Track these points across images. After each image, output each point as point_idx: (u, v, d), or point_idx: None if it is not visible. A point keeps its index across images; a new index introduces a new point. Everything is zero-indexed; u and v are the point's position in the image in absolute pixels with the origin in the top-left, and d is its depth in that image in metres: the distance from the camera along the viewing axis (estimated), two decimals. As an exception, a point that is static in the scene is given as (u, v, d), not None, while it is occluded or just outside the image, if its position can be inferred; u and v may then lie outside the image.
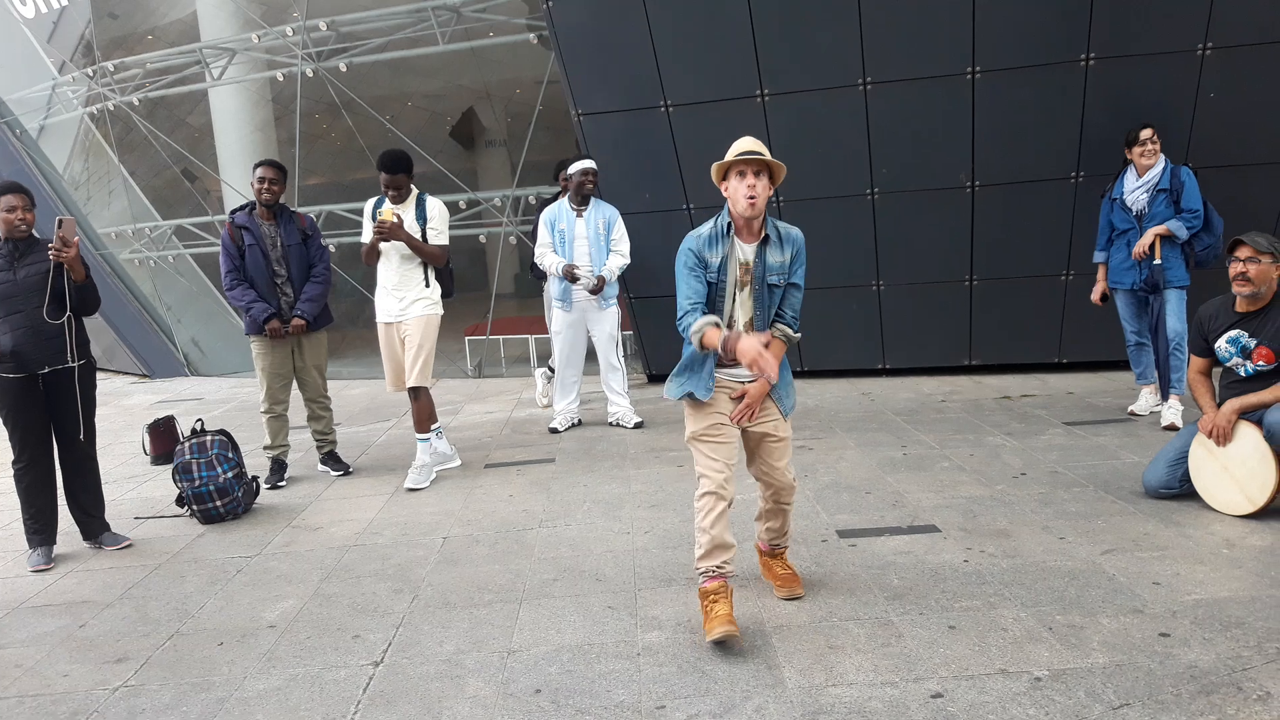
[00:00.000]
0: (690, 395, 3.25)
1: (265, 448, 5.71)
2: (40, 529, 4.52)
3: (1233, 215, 5.51)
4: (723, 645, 3.10)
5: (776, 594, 3.49)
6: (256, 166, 5.53)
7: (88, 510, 4.68)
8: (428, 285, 5.36)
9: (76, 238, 4.38)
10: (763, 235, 3.20)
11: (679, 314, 3.20)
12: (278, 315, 5.45)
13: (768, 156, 3.13)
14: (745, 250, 3.20)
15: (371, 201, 5.42)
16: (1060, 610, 3.22)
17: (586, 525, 4.47)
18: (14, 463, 4.48)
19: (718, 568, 3.19)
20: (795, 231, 3.26)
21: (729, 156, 3.17)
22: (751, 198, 3.09)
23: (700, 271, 3.18)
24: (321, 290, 5.61)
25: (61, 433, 4.55)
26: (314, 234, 5.70)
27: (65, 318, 4.42)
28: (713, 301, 3.21)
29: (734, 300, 3.22)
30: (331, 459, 5.91)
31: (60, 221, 4.32)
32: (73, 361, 4.48)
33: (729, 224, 3.19)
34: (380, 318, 5.41)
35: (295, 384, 5.75)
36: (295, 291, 5.54)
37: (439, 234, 5.33)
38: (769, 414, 3.30)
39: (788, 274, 3.23)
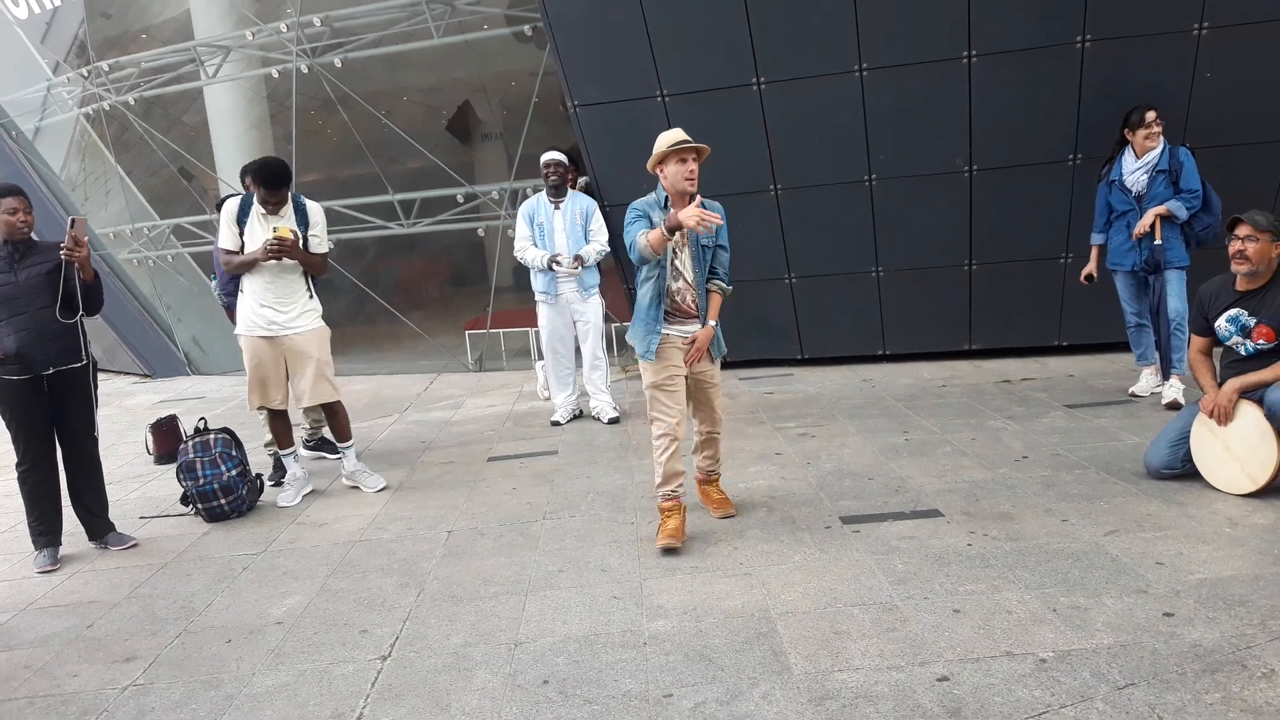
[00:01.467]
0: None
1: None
2: (45, 530, 4.52)
3: (1231, 195, 5.50)
4: (670, 553, 3.85)
5: (714, 514, 4.26)
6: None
7: (92, 510, 4.68)
8: (311, 296, 5.07)
9: (87, 237, 4.39)
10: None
11: (629, 249, 3.87)
12: None
13: (700, 145, 3.87)
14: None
15: (236, 207, 4.90)
16: (1064, 592, 3.23)
17: (590, 516, 4.48)
18: (18, 465, 4.47)
19: (672, 491, 3.99)
20: (718, 205, 3.86)
21: (665, 147, 3.82)
22: (690, 178, 3.81)
23: (645, 223, 3.88)
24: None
25: (65, 433, 4.54)
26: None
27: (77, 317, 4.44)
28: (659, 264, 3.92)
29: (675, 259, 3.93)
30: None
31: (72, 221, 4.32)
32: (78, 361, 4.49)
33: (665, 199, 3.91)
34: (254, 331, 4.94)
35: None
36: None
37: (321, 242, 5.02)
38: (704, 366, 4.07)
39: (715, 237, 3.96)
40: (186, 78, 9.70)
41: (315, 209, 5.02)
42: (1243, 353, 4.14)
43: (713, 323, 4.01)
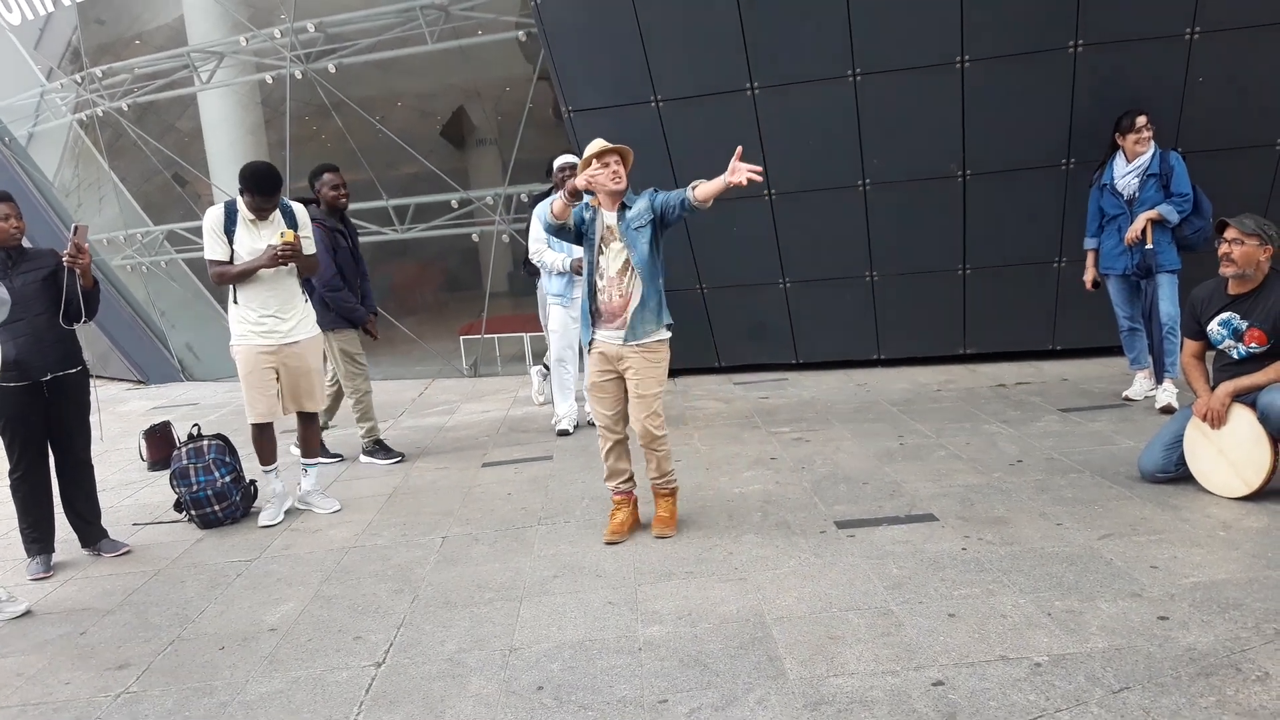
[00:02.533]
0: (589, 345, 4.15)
1: (369, 430, 6.05)
2: (39, 537, 4.50)
3: (1222, 199, 5.52)
4: (612, 546, 4.06)
5: (652, 530, 4.21)
6: (324, 172, 5.83)
7: (85, 517, 4.67)
8: (306, 301, 5.01)
9: (89, 244, 4.39)
10: (621, 205, 4.04)
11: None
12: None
13: (623, 146, 4.06)
14: (608, 217, 4.05)
15: (221, 216, 4.73)
16: (1059, 596, 3.23)
17: (585, 522, 4.48)
18: (10, 472, 4.45)
19: (616, 487, 4.24)
20: (644, 193, 4.06)
21: (588, 154, 3.99)
22: (614, 175, 3.96)
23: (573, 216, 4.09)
24: (369, 285, 6.11)
25: (60, 440, 4.53)
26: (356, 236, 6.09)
27: (79, 324, 4.44)
28: (584, 255, 4.16)
29: (603, 253, 4.06)
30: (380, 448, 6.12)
31: (75, 228, 4.33)
32: (75, 366, 4.49)
33: (590, 202, 4.08)
34: (255, 342, 4.79)
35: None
36: (357, 288, 5.95)
37: (311, 243, 4.96)
38: (635, 371, 4.05)
39: (647, 215, 4.00)
40: (180, 83, 9.70)
41: (301, 210, 4.95)
42: (1235, 356, 4.15)
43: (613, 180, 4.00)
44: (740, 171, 3.81)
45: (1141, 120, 5.53)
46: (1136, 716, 2.48)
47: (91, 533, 4.68)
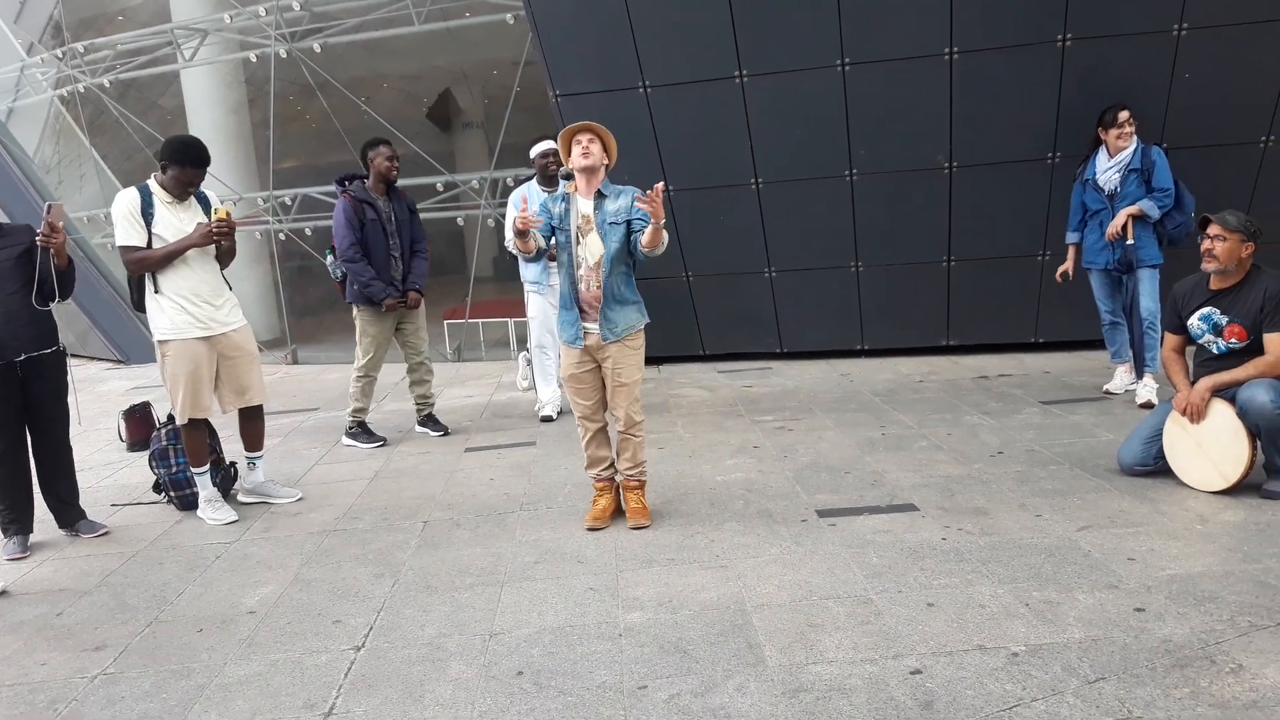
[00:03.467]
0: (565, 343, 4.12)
1: (356, 410, 6.03)
2: (16, 519, 4.44)
3: (1208, 195, 5.55)
4: (594, 532, 4.07)
5: (627, 522, 4.16)
6: (378, 144, 5.77)
7: (63, 498, 4.62)
8: (231, 288, 4.77)
9: (63, 223, 4.30)
10: (598, 193, 3.96)
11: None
12: (395, 291, 5.80)
13: (594, 124, 4.00)
14: (584, 204, 3.98)
15: (137, 199, 4.43)
16: (1037, 586, 3.26)
17: (567, 508, 4.47)
18: None
19: (598, 474, 4.25)
20: (628, 189, 3.97)
21: (562, 137, 4.00)
22: (586, 153, 3.91)
23: (544, 216, 4.03)
24: (427, 265, 6.04)
25: (36, 420, 4.45)
26: (415, 211, 6.03)
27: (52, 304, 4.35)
28: (561, 248, 4.05)
29: (580, 244, 3.99)
30: (430, 420, 6.18)
31: (49, 207, 4.24)
32: (50, 346, 4.41)
33: (566, 195, 4.03)
34: (190, 333, 4.52)
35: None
36: (404, 264, 5.87)
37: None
38: (614, 362, 4.03)
39: (625, 215, 3.93)
40: (163, 61, 9.59)
41: (214, 196, 4.73)
42: (1215, 351, 4.18)
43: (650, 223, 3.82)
44: (653, 202, 3.71)
45: (1124, 115, 5.55)
46: (1112, 707, 2.50)
47: (69, 514, 4.63)
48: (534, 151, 6.03)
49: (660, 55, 6.91)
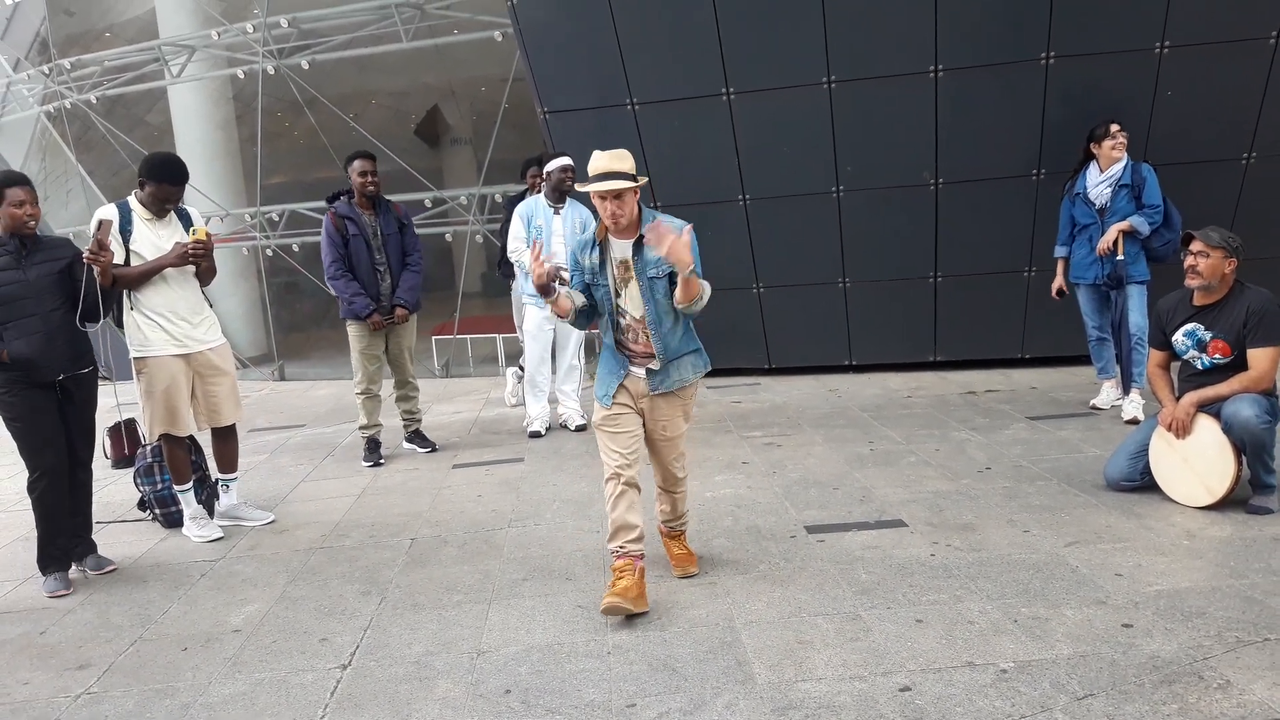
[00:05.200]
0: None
1: (361, 428, 5.96)
2: (58, 554, 4.15)
3: (1190, 211, 5.59)
4: (612, 614, 3.31)
5: (673, 572, 3.71)
6: (354, 159, 5.69)
7: (78, 532, 4.31)
8: (211, 305, 4.75)
9: (111, 239, 4.13)
10: (639, 234, 3.34)
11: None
12: (378, 306, 5.69)
13: (621, 185, 3.23)
14: (622, 248, 3.37)
15: (115, 215, 4.36)
16: (1025, 602, 3.26)
17: (556, 525, 4.46)
18: (31, 478, 4.10)
19: (620, 547, 3.41)
20: (675, 223, 3.23)
21: (590, 175, 3.29)
22: (613, 218, 3.29)
23: (576, 272, 3.49)
24: (419, 278, 5.90)
25: (71, 447, 4.20)
26: (409, 223, 5.93)
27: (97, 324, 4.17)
28: (601, 301, 3.46)
29: (621, 295, 3.42)
30: (417, 437, 6.17)
31: (100, 223, 4.06)
32: (88, 366, 4.23)
33: (596, 230, 3.43)
34: (165, 350, 4.49)
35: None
36: (393, 279, 5.79)
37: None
38: (660, 414, 3.52)
39: (661, 265, 3.29)
40: (150, 77, 9.59)
41: (196, 214, 4.68)
42: (1199, 366, 4.20)
43: (683, 271, 3.16)
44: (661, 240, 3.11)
45: (1116, 128, 5.59)
46: (1100, 723, 2.50)
47: (81, 548, 4.32)
48: (553, 165, 5.97)
49: (648, 72, 6.95)
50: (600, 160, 3.26)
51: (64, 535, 4.18)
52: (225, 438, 4.81)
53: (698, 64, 6.84)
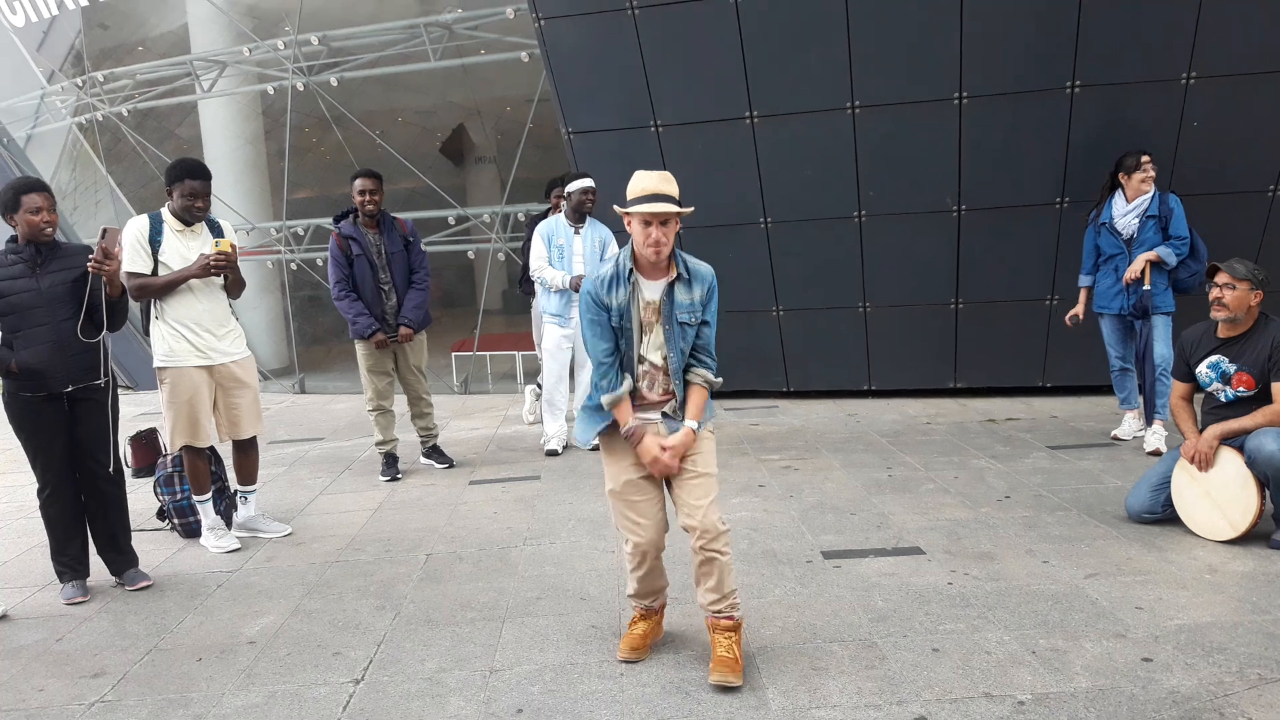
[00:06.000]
0: (602, 434, 3.16)
1: (377, 444, 5.96)
2: (69, 563, 4.14)
3: (1215, 243, 5.57)
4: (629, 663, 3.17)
5: (710, 676, 2.99)
6: (355, 178, 5.70)
7: (116, 546, 4.27)
8: (238, 319, 4.77)
9: (119, 249, 4.05)
10: (673, 274, 3.05)
11: (594, 364, 3.13)
12: (381, 326, 5.70)
13: (671, 209, 2.93)
14: (652, 289, 3.05)
15: (146, 226, 4.47)
16: (1044, 634, 3.22)
17: (571, 544, 4.45)
18: (39, 491, 4.11)
19: (645, 604, 3.27)
20: (706, 269, 3.08)
21: (631, 196, 2.99)
22: (655, 248, 2.95)
23: (601, 317, 3.03)
24: (424, 296, 5.84)
25: (85, 460, 4.15)
26: (415, 240, 5.91)
27: (100, 336, 4.08)
28: (620, 343, 3.09)
29: (643, 341, 3.07)
30: (435, 452, 6.17)
31: (104, 231, 3.95)
32: (99, 379, 4.13)
33: (630, 268, 3.03)
34: (188, 361, 4.52)
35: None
36: (399, 297, 5.77)
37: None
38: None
39: (700, 312, 3.05)
40: (181, 91, 9.73)
41: (228, 226, 4.72)
42: (1223, 399, 4.16)
43: (692, 424, 3.04)
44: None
45: (1146, 159, 5.58)
46: (1119, 758, 2.47)
47: (121, 562, 4.27)
48: (573, 187, 6.00)
49: (672, 95, 6.99)
50: (648, 181, 2.96)
51: (74, 545, 4.17)
52: (245, 450, 4.83)
53: (722, 87, 6.88)
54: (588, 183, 6.00)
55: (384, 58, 8.71)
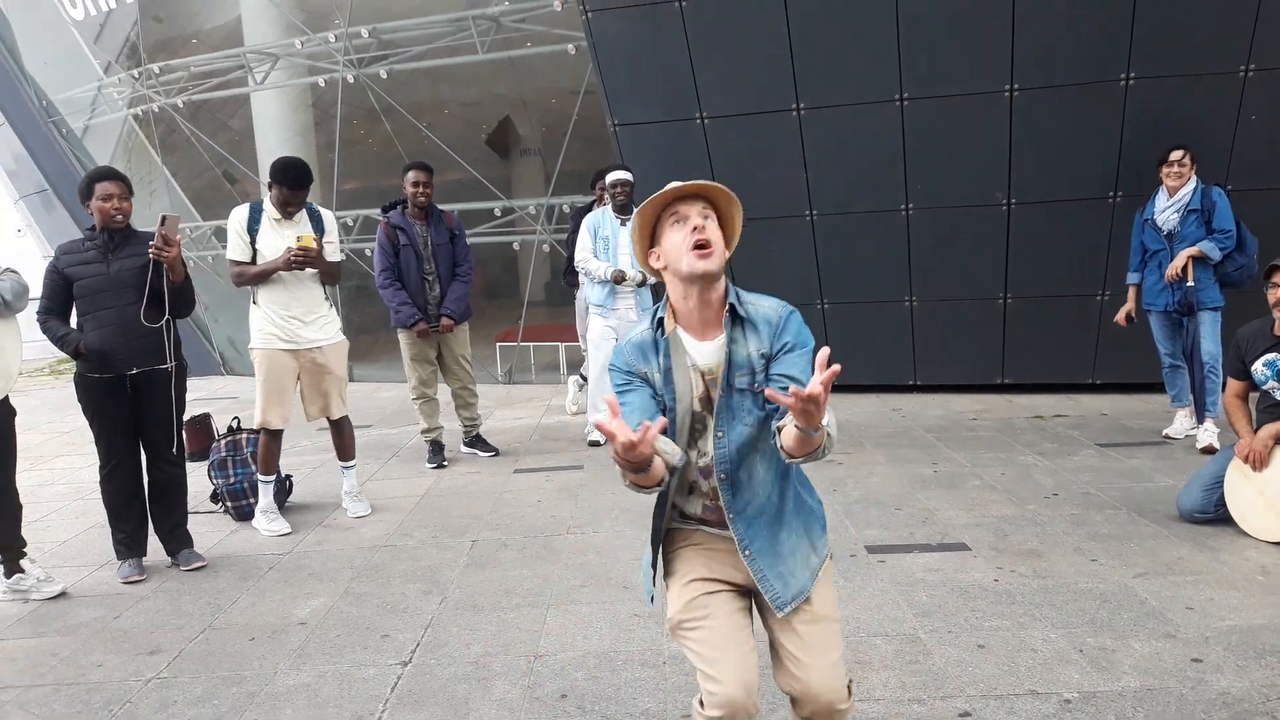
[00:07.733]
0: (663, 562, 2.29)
1: (422, 431, 6.07)
2: (126, 540, 4.26)
3: (1272, 238, 5.43)
4: None
5: None
6: (408, 169, 5.80)
7: (169, 528, 4.39)
8: (331, 306, 4.93)
9: (179, 236, 4.15)
10: (723, 322, 2.06)
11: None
12: (423, 316, 5.78)
13: (710, 184, 2.04)
14: (701, 351, 2.07)
15: (245, 215, 4.68)
16: (1091, 632, 3.20)
17: (614, 533, 4.49)
18: (100, 468, 4.24)
19: None
20: (767, 306, 2.12)
21: (649, 209, 2.08)
22: (703, 246, 1.99)
23: (637, 387, 2.09)
24: (467, 288, 5.95)
25: (148, 442, 4.28)
26: (460, 233, 6.01)
27: (162, 321, 4.18)
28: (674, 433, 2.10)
29: (699, 428, 2.09)
30: (478, 441, 6.25)
31: (163, 218, 4.08)
32: (164, 363, 4.23)
33: (660, 319, 2.08)
34: (277, 345, 4.73)
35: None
36: (442, 288, 5.86)
37: (335, 249, 4.86)
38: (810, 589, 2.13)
39: (765, 369, 2.05)
40: (234, 83, 9.89)
41: (329, 216, 4.88)
42: (1278, 398, 4.08)
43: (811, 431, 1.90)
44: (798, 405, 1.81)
45: (1176, 155, 5.47)
46: (1167, 758, 2.44)
47: (174, 543, 4.38)
48: (607, 179, 6.03)
49: (718, 86, 6.97)
50: (671, 185, 2.05)
51: (130, 522, 4.29)
52: (339, 430, 5.01)
53: (769, 79, 6.85)
54: (622, 174, 6.00)
55: (432, 50, 8.79)
